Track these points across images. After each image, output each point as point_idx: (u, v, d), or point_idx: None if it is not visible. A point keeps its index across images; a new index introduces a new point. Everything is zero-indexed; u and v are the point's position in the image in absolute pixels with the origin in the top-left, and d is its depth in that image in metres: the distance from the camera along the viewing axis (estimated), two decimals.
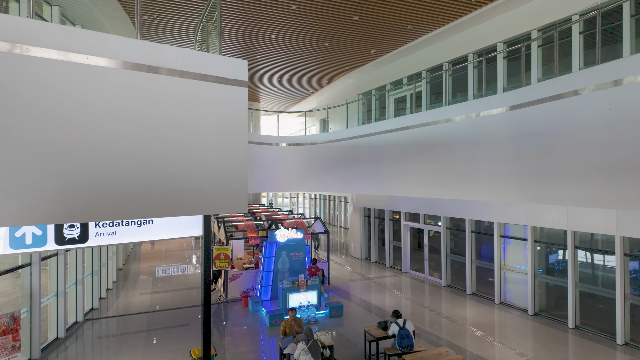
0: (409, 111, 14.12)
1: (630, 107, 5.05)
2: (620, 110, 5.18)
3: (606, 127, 5.34)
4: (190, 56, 4.70)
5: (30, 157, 3.73)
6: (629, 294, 8.39)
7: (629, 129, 5.05)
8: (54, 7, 8.44)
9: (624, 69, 5.14)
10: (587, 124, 5.59)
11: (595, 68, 5.60)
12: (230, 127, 4.96)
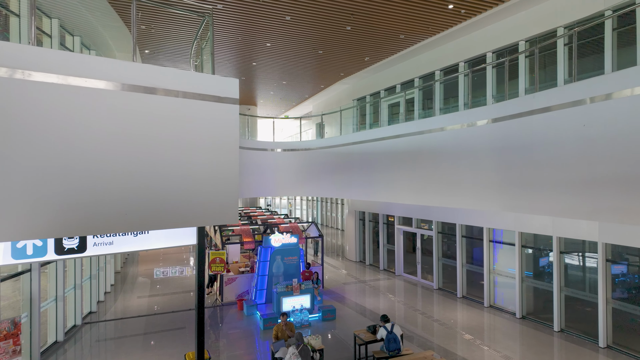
0: (403, 116, 14.38)
1: (602, 123, 5.32)
2: (593, 126, 5.44)
3: (580, 142, 5.61)
4: (183, 76, 4.96)
5: (32, 176, 3.97)
6: (611, 299, 8.67)
7: (602, 145, 5.32)
8: (53, 20, 8.68)
9: (596, 87, 5.41)
10: (563, 139, 5.85)
11: (571, 85, 5.87)
12: (222, 142, 5.21)
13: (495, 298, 11.59)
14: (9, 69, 3.88)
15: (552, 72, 9.64)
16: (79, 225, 4.29)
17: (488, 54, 11.21)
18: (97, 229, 4.45)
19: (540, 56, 9.98)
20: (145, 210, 4.66)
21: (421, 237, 14.45)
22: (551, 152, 6.08)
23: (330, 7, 10.01)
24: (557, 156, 5.98)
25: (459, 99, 12.05)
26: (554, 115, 6.05)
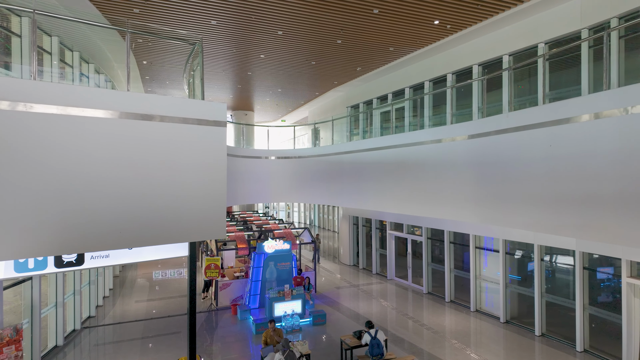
0: (393, 124, 14.75)
1: (566, 144, 5.69)
2: (558, 147, 5.81)
3: (547, 161, 5.98)
4: (175, 103, 5.34)
5: (34, 199, 4.35)
6: (588, 305, 9.04)
7: (565, 165, 5.69)
8: (53, 38, 9.05)
9: (561, 111, 5.78)
10: (532, 157, 6.22)
11: (539, 107, 6.24)
12: (210, 162, 5.59)
13: (481, 303, 11.96)
14: (12, 102, 4.26)
15: (535, 84, 9.99)
16: (78, 244, 4.68)
17: (474, 67, 11.58)
18: (94, 246, 4.83)
19: (525, 70, 10.35)
20: (139, 228, 5.04)
21: (412, 242, 14.82)
22: (522, 169, 6.45)
23: (320, 23, 10.38)
24: (527, 173, 6.35)
25: (447, 109, 12.42)
26: (524, 135, 6.42)
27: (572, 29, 8.95)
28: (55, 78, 10.33)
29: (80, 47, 10.43)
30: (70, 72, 10.79)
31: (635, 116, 4.72)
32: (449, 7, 9.30)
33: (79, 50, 10.34)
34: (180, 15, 10.10)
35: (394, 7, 9.35)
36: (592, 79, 8.65)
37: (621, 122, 4.89)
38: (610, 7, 8.19)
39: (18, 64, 8.16)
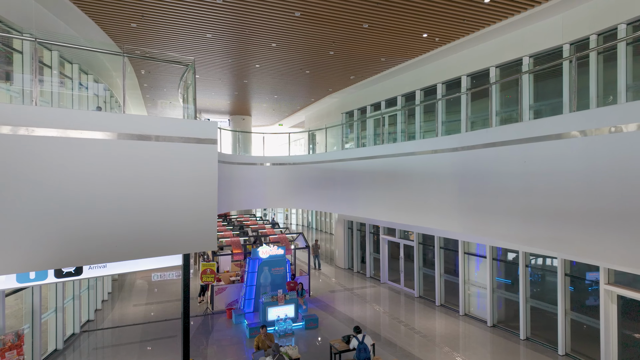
0: (384, 133, 15.07)
1: (538, 161, 6.01)
2: (532, 163, 6.14)
3: (522, 177, 6.31)
4: (169, 123, 5.67)
5: (35, 216, 4.68)
6: (569, 310, 9.37)
7: (538, 180, 6.02)
8: (53, 52, 9.37)
9: (534, 129, 6.10)
10: (509, 172, 6.55)
11: (514, 125, 6.57)
12: (201, 177, 5.92)
13: (469, 307, 12.28)
14: (14, 126, 4.58)
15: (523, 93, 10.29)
16: (76, 257, 5.00)
17: (463, 77, 11.90)
18: (92, 259, 5.16)
19: (509, 83, 10.67)
20: (134, 242, 5.37)
21: (404, 246, 15.14)
22: (500, 183, 6.77)
23: (313, 36, 10.71)
24: (504, 187, 6.67)
25: (437, 117, 12.73)
26: (502, 150, 6.74)
27: (554, 44, 9.27)
28: (55, 87, 10.64)
29: (79, 60, 10.75)
30: (69, 82, 11.10)
31: (594, 138, 5.05)
32: (436, 21, 9.62)
33: (78, 63, 10.66)
34: (176, 29, 10.43)
35: (382, 22, 9.68)
36: (573, 93, 8.96)
37: (584, 143, 5.21)
38: (589, 25, 8.51)
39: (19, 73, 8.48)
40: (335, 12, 9.15)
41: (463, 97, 11.86)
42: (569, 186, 5.47)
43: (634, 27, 7.94)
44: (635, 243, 4.60)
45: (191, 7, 8.96)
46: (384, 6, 8.78)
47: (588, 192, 5.19)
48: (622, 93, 7.83)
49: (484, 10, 8.98)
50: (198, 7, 9.00)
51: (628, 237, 4.69)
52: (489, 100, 10.93)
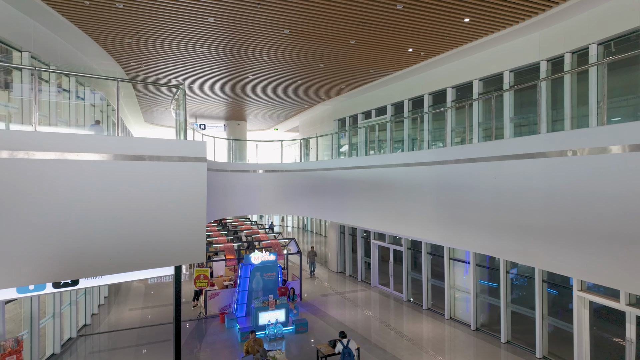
0: (376, 139, 15.48)
1: (506, 178, 6.43)
2: (502, 180, 6.55)
3: (493, 192, 6.72)
4: (162, 143, 6.04)
5: (34, 233, 5.05)
6: (546, 315, 9.79)
7: (507, 196, 6.43)
8: (51, 67, 9.72)
9: (503, 148, 6.52)
10: (481, 187, 6.96)
11: (486, 143, 6.99)
12: (191, 194, 6.31)
13: (455, 311, 12.70)
14: (16, 151, 4.94)
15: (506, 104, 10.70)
16: (73, 270, 5.38)
17: (448, 89, 12.32)
18: (88, 272, 5.54)
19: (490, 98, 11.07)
20: (128, 255, 5.74)
21: (394, 251, 15.55)
22: (474, 196, 7.18)
23: (303, 50, 11.10)
24: (477, 200, 7.09)
25: (424, 130, 13.15)
26: (475, 166, 7.16)
27: (533, 60, 9.69)
28: (53, 97, 10.97)
29: (76, 73, 11.10)
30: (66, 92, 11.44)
31: (553, 160, 5.46)
32: (420, 37, 10.02)
33: (75, 76, 11.01)
34: (170, 45, 10.80)
35: (368, 38, 10.08)
36: (549, 107, 9.39)
37: (545, 164, 5.63)
38: (564, 43, 8.94)
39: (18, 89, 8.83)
40: (323, 30, 9.54)
41: (448, 108, 12.27)
42: (532, 202, 5.89)
43: (604, 47, 8.37)
44: (584, 256, 5.01)
45: (184, 25, 9.34)
46: (370, 24, 9.18)
47: (548, 209, 5.60)
48: (593, 110, 8.25)
49: (464, 28, 9.39)
50: (190, 25, 9.38)
51: (579, 251, 5.10)
52: (471, 113, 11.34)
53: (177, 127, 6.66)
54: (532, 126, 9.79)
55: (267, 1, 8.00)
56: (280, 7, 8.30)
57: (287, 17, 8.83)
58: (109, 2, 8.06)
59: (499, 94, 9.95)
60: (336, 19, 8.90)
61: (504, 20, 8.87)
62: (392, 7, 8.26)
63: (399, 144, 14.12)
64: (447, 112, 11.36)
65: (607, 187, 4.80)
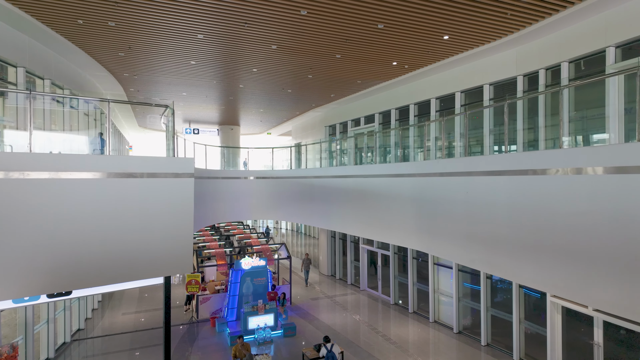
0: (365, 145, 15.88)
1: (476, 193, 6.84)
2: (472, 194, 6.97)
3: (465, 205, 7.13)
4: (151, 161, 6.39)
5: (29, 248, 5.38)
6: (523, 319, 10.23)
7: (476, 210, 6.84)
8: (45, 81, 10.03)
9: (472, 164, 6.93)
10: (455, 200, 7.37)
11: (458, 159, 7.40)
12: (178, 208, 6.66)
13: (439, 314, 13.12)
14: (12, 171, 5.28)
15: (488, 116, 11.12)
16: (67, 283, 5.72)
17: (432, 100, 12.74)
18: (81, 284, 5.88)
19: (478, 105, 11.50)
20: (118, 267, 6.09)
21: (382, 255, 15.95)
22: (448, 208, 7.60)
23: (291, 63, 11.48)
24: (451, 212, 7.50)
25: (410, 139, 13.56)
26: (450, 180, 7.57)
27: (510, 75, 10.13)
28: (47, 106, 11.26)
29: (71, 85, 11.41)
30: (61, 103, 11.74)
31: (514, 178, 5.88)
32: (403, 52, 10.42)
33: (69, 88, 11.32)
34: (162, 58, 11.13)
35: (353, 52, 10.48)
36: (526, 122, 9.82)
37: (508, 182, 6.04)
38: (538, 60, 9.38)
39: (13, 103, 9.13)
40: (309, 45, 9.92)
41: (432, 115, 12.70)
42: (497, 217, 6.30)
43: (575, 65, 8.82)
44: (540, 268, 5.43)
45: (174, 41, 9.68)
46: (353, 40, 9.58)
47: (511, 223, 6.02)
48: (564, 128, 8.67)
49: (444, 44, 9.81)
50: (181, 41, 9.73)
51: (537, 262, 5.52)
52: (454, 123, 11.76)
53: (167, 142, 7.01)
54: (512, 140, 10.22)
55: (253, 20, 8.37)
56: (267, 26, 8.67)
57: (273, 34, 9.20)
58: (101, 20, 8.39)
59: (472, 111, 10.37)
60: (321, 36, 9.29)
61: (481, 37, 9.30)
62: (374, 26, 8.66)
63: (387, 150, 14.52)
64: (425, 126, 11.79)
65: (560, 205, 5.21)
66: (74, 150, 12.60)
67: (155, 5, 7.62)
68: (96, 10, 7.81)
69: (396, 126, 14.34)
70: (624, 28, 7.48)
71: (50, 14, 8.05)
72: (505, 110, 7.05)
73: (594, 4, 7.39)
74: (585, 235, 4.88)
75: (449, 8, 7.65)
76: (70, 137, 11.94)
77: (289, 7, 7.72)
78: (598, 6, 7.54)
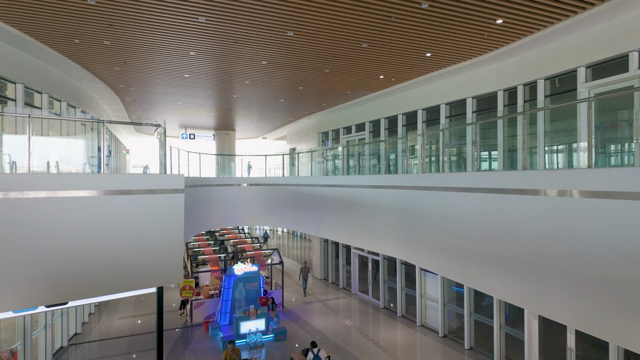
0: (357, 152, 16.28)
1: (452, 207, 7.25)
2: (449, 208, 7.37)
3: (442, 218, 7.54)
4: (143, 178, 6.78)
5: (29, 262, 5.75)
6: (503, 324, 10.66)
7: (451, 223, 7.25)
8: (43, 95, 10.39)
9: (449, 180, 7.34)
10: (433, 213, 7.78)
11: (436, 174, 7.81)
12: (169, 222, 7.04)
13: (426, 318, 13.54)
14: (11, 191, 5.65)
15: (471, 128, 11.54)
16: (64, 294, 6.09)
17: (419, 111, 13.16)
18: (77, 295, 6.25)
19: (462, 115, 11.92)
20: (112, 279, 6.46)
21: (372, 260, 16.36)
22: (427, 220, 8.00)
23: (282, 76, 11.87)
24: (430, 224, 7.91)
25: (397, 150, 13.97)
26: (429, 194, 7.97)
27: (492, 89, 10.55)
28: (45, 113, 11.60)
29: (67, 97, 11.77)
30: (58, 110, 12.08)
31: (485, 195, 6.29)
32: (390, 66, 10.82)
33: (66, 100, 11.68)
34: (156, 71, 11.50)
35: (342, 67, 10.88)
36: (506, 137, 10.23)
37: (479, 199, 6.45)
38: (517, 76, 9.80)
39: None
40: (297, 61, 10.32)
41: (418, 126, 13.12)
42: (470, 230, 6.72)
43: (551, 82, 9.25)
44: (505, 280, 5.84)
45: (168, 57, 10.06)
46: (340, 58, 9.98)
47: (481, 237, 6.43)
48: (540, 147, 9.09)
49: (427, 60, 10.22)
50: (174, 58, 10.11)
51: (502, 275, 5.93)
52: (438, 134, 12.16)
53: (159, 159, 7.40)
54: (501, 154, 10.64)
55: (243, 40, 8.76)
56: (256, 45, 9.05)
57: (263, 52, 9.59)
58: (97, 40, 8.77)
59: (450, 128, 10.78)
60: (308, 54, 9.68)
61: (462, 54, 9.71)
62: (358, 45, 9.07)
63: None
64: (420, 127, 12.18)
65: (523, 222, 5.63)
66: (71, 156, 12.93)
67: (148, 26, 8.00)
68: (92, 31, 8.18)
69: (383, 138, 14.75)
70: (593, 50, 7.90)
71: (48, 34, 8.42)
72: (477, 131, 7.45)
73: (565, 27, 7.81)
74: (543, 251, 5.29)
75: (428, 29, 8.05)
76: (67, 143, 12.23)
77: (276, 29, 8.11)
78: (569, 29, 7.96)
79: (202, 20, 7.66)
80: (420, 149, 10.37)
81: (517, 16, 7.44)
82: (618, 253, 4.29)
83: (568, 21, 7.62)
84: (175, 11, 7.26)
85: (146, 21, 7.72)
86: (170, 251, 6.97)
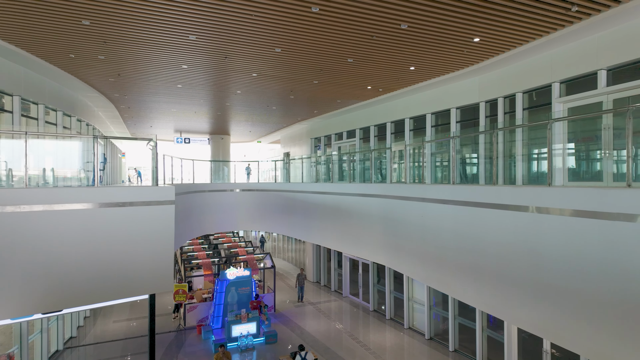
0: (348, 158, 16.64)
1: (429, 217, 7.62)
2: (427, 217, 7.75)
3: (420, 227, 7.92)
4: (135, 191, 7.11)
5: (25, 273, 6.07)
6: (485, 327, 11.05)
7: (429, 232, 7.63)
8: (39, 106, 10.68)
9: (427, 192, 7.72)
10: (413, 222, 8.16)
11: (413, 185, 8.18)
12: (160, 232, 7.38)
13: (413, 321, 13.92)
14: (8, 206, 5.97)
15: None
16: (59, 302, 6.41)
17: (406, 119, 13.54)
18: (72, 303, 6.58)
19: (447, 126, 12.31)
20: (106, 287, 6.80)
21: (362, 264, 16.72)
22: (407, 229, 8.38)
23: (272, 87, 12.22)
24: (410, 233, 8.28)
25: (387, 157, 14.33)
26: (409, 204, 8.35)
27: (474, 101, 10.93)
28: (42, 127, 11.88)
29: (63, 107, 12.06)
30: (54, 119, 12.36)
31: (457, 207, 6.67)
32: (376, 78, 11.19)
33: (62, 110, 11.97)
34: (150, 82, 11.82)
35: (329, 79, 11.24)
36: (487, 148, 10.61)
37: (453, 210, 6.83)
38: (498, 89, 10.20)
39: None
40: (287, 73, 10.68)
41: (406, 137, 13.50)
42: (445, 240, 7.09)
43: (528, 96, 9.65)
44: (476, 289, 6.22)
45: (160, 69, 10.39)
46: (328, 71, 10.34)
47: (455, 246, 6.80)
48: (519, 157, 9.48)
49: (411, 73, 10.61)
50: (166, 69, 10.44)
51: (473, 283, 6.31)
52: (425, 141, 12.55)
53: (152, 172, 7.73)
54: (487, 163, 11.03)
55: (233, 55, 9.10)
56: (245, 59, 9.40)
57: (252, 66, 9.94)
58: (92, 54, 9.09)
59: (430, 141, 11.16)
60: (296, 68, 10.04)
61: (444, 68, 10.10)
62: (344, 60, 9.44)
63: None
64: (407, 136, 12.55)
65: (490, 234, 6.01)
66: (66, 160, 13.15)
67: (141, 43, 8.33)
68: (86, 47, 8.50)
69: (373, 147, 15.12)
70: (566, 67, 8.30)
71: (45, 50, 8.73)
72: (452, 145, 7.84)
73: (540, 44, 8.19)
74: (508, 262, 5.67)
75: (410, 46, 8.42)
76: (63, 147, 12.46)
77: (264, 46, 8.46)
78: (544, 46, 8.35)
79: (192, 38, 8.00)
80: (406, 159, 10.75)
81: (492, 35, 7.82)
82: (568, 266, 4.67)
83: (542, 40, 8.01)
84: (166, 30, 7.60)
85: (138, 39, 8.05)
86: (161, 260, 7.30)
